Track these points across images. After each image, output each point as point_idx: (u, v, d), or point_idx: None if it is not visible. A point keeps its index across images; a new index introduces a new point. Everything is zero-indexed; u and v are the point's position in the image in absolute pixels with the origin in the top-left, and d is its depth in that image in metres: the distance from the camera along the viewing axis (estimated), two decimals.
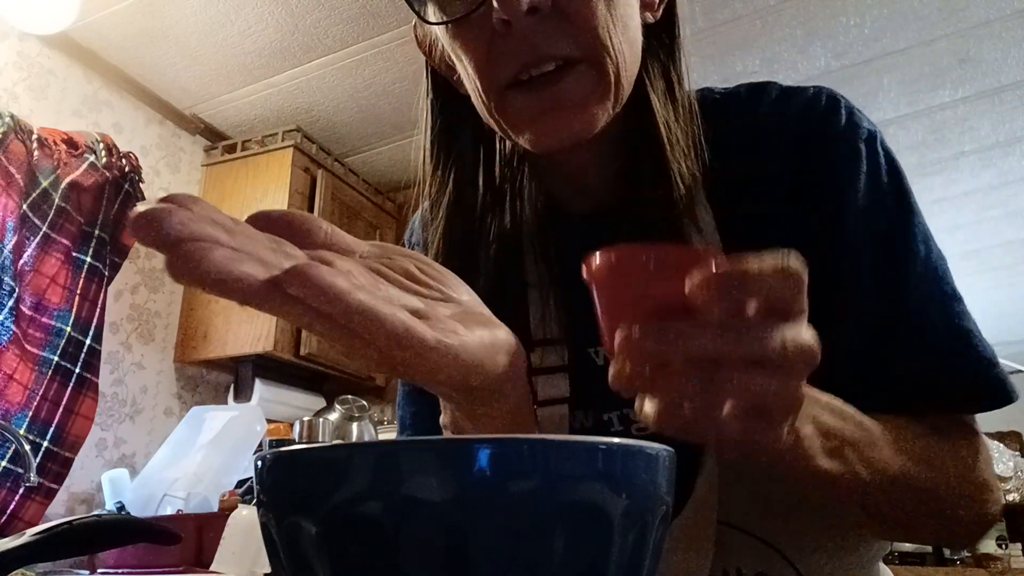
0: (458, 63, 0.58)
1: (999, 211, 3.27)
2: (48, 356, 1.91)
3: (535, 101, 0.53)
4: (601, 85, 0.54)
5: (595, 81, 0.53)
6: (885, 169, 0.57)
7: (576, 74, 0.53)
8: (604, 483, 0.26)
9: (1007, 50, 2.31)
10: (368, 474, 0.25)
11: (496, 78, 0.54)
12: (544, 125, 0.54)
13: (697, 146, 0.58)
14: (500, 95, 0.55)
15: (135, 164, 2.22)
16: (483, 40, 0.53)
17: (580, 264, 0.38)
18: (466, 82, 0.58)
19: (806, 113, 0.59)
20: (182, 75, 2.38)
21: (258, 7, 2.09)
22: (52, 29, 2.04)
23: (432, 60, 0.65)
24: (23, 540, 0.63)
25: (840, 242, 0.56)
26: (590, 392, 0.61)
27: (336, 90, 2.45)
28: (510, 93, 0.54)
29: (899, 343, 0.53)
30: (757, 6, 2.13)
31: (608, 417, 0.61)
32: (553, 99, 0.53)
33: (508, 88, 0.54)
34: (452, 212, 0.64)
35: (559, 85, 0.53)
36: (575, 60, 0.52)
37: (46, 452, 1.87)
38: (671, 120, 0.58)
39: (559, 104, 0.53)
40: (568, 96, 0.53)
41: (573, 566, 0.25)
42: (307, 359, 2.43)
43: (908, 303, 0.54)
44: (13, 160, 1.90)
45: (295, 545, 0.27)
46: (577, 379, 0.62)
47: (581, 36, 0.52)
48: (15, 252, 1.87)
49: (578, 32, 0.52)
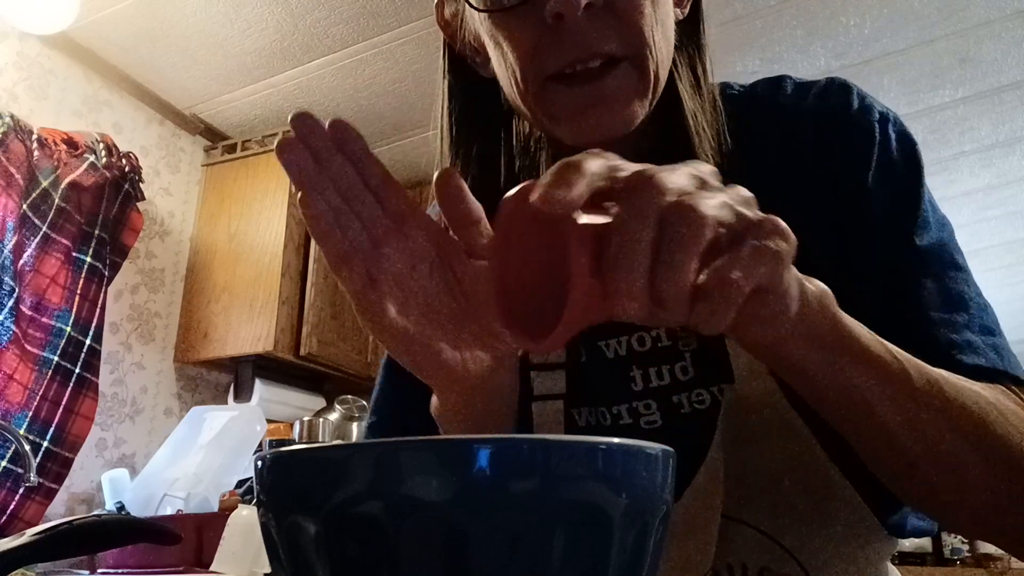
0: (494, 49, 0.58)
1: (999, 211, 3.27)
2: (48, 356, 1.91)
3: (579, 96, 0.54)
4: (642, 83, 0.54)
5: (636, 79, 0.54)
6: (896, 147, 0.57)
7: (620, 72, 0.53)
8: (604, 483, 0.26)
9: (1007, 50, 2.31)
10: (368, 474, 0.25)
11: (541, 70, 0.54)
12: (585, 121, 0.54)
13: (721, 139, 0.59)
14: (542, 86, 0.55)
15: (135, 164, 2.22)
16: (531, 30, 0.53)
17: None
18: (499, 68, 0.58)
19: (821, 102, 0.59)
20: (182, 75, 2.38)
21: (258, 7, 2.09)
22: (52, 29, 2.04)
23: (453, 41, 0.65)
24: (23, 540, 0.63)
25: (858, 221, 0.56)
26: (597, 386, 0.61)
27: (336, 90, 2.45)
28: (551, 85, 0.54)
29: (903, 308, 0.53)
30: (757, 6, 2.13)
31: (617, 410, 0.61)
32: (597, 95, 0.53)
33: (549, 80, 0.54)
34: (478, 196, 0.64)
35: (603, 82, 0.53)
36: (619, 58, 0.53)
37: (46, 452, 1.87)
38: (698, 112, 0.59)
39: (602, 101, 0.53)
40: (611, 94, 0.53)
41: (573, 566, 0.25)
42: (307, 359, 2.43)
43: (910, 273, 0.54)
44: (13, 160, 1.90)
45: (295, 545, 0.27)
46: (584, 373, 0.62)
47: (629, 35, 0.53)
48: (15, 252, 1.87)
49: (627, 31, 0.53)
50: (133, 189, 2.20)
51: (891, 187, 0.56)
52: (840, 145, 0.58)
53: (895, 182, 0.57)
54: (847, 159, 0.57)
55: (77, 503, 2.12)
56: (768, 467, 0.54)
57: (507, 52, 0.56)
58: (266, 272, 2.38)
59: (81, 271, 2.02)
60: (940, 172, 2.95)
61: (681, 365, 0.58)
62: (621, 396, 0.60)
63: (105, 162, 2.11)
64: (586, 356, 0.62)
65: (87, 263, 2.04)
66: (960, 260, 0.56)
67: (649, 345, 0.60)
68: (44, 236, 1.94)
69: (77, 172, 2.03)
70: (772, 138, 0.59)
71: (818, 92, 0.60)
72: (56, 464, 1.89)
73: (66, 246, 1.99)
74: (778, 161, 0.58)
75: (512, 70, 0.56)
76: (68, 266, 2.00)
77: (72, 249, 2.01)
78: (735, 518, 0.54)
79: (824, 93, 0.60)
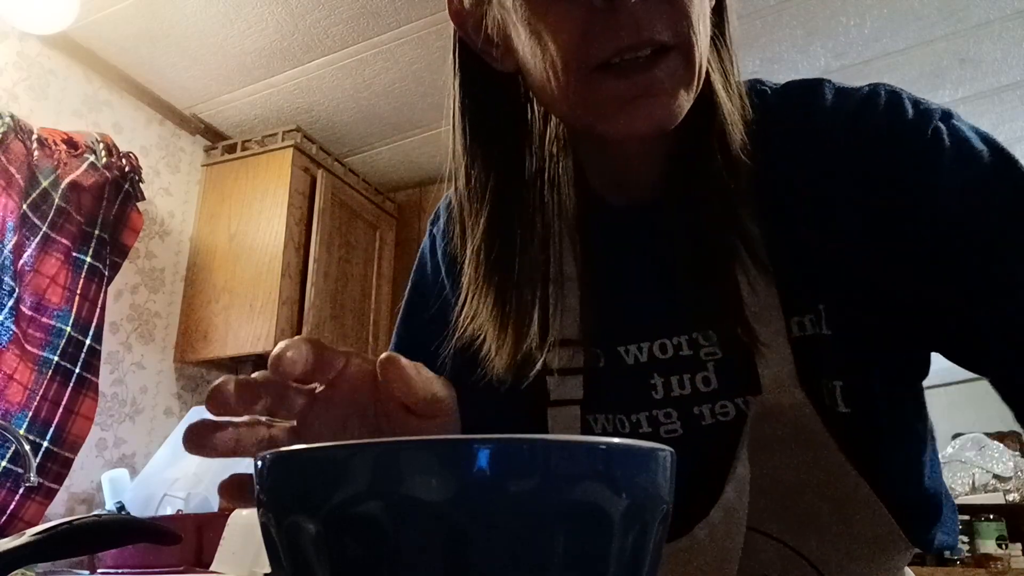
0: (529, 39, 0.53)
1: None
2: (48, 356, 1.91)
3: (629, 86, 0.51)
4: (687, 73, 0.52)
5: (683, 70, 0.51)
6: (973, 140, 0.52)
7: (669, 61, 0.51)
8: (604, 483, 0.26)
9: (1007, 50, 2.31)
10: (368, 474, 0.25)
11: (589, 58, 0.51)
12: (635, 111, 0.51)
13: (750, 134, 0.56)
14: (587, 76, 0.51)
15: (135, 164, 2.22)
16: (579, 16, 0.50)
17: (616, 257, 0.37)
18: (533, 60, 0.54)
19: (866, 113, 0.55)
20: (182, 75, 2.38)
21: (258, 7, 2.09)
22: (52, 29, 2.04)
23: (466, 32, 0.60)
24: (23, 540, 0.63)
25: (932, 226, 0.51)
26: (616, 393, 0.60)
27: (336, 90, 2.45)
28: (598, 75, 0.51)
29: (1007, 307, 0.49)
30: (757, 6, 2.13)
31: (636, 418, 0.59)
32: (647, 85, 0.51)
33: (596, 70, 0.51)
34: (495, 200, 0.60)
35: (653, 72, 0.50)
36: (669, 47, 0.50)
37: (46, 452, 1.87)
38: (731, 107, 0.56)
39: (651, 91, 0.51)
40: (660, 84, 0.51)
41: (573, 566, 0.25)
42: None
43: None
44: (13, 160, 1.90)
45: (295, 545, 0.27)
46: (603, 379, 0.60)
47: (680, 22, 0.50)
48: (15, 252, 1.87)
49: (678, 18, 0.50)
50: (133, 189, 2.20)
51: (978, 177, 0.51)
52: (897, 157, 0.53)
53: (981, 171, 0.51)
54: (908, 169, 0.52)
55: (77, 503, 2.12)
56: (792, 478, 0.53)
57: (548, 41, 0.52)
58: (266, 272, 2.38)
59: (81, 271, 2.02)
60: None
61: (703, 376, 0.57)
62: (641, 404, 0.59)
63: (105, 162, 2.11)
64: (605, 361, 0.60)
65: (87, 263, 2.04)
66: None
67: (671, 353, 0.58)
68: (44, 236, 1.94)
69: (77, 172, 2.03)
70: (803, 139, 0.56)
71: (861, 102, 0.56)
72: (56, 464, 1.89)
73: (66, 246, 1.99)
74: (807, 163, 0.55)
75: (552, 60, 0.52)
76: (68, 266, 2.00)
77: (72, 249, 2.01)
78: (757, 529, 0.54)
79: (869, 104, 0.55)
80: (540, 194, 0.62)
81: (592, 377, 0.61)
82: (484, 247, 0.60)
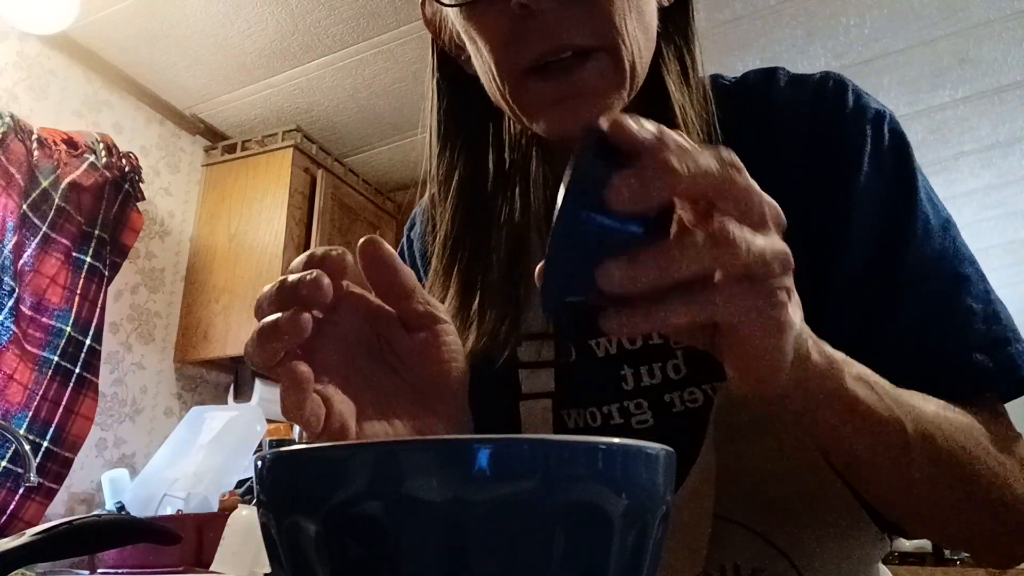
0: (470, 45, 0.57)
1: (999, 211, 3.27)
2: (48, 356, 1.91)
3: (553, 89, 0.53)
4: (618, 74, 0.54)
5: (612, 70, 0.53)
6: (888, 147, 0.57)
7: (594, 63, 0.53)
8: (604, 483, 0.26)
9: (1007, 50, 2.31)
10: (368, 474, 0.25)
11: (514, 64, 0.54)
12: (562, 112, 0.54)
13: (712, 131, 0.58)
14: (517, 80, 0.54)
15: (135, 164, 2.22)
16: (500, 24, 0.53)
17: None
18: (477, 64, 0.58)
19: (816, 98, 0.58)
20: (182, 75, 2.38)
21: (258, 7, 2.09)
22: (52, 29, 2.04)
23: (439, 39, 0.65)
24: (23, 540, 0.63)
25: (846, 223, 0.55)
26: (587, 386, 0.60)
27: (336, 90, 2.45)
28: (527, 79, 0.54)
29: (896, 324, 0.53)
30: (757, 6, 2.13)
31: (608, 410, 0.60)
32: (572, 87, 0.53)
33: (525, 73, 0.54)
34: (462, 194, 0.64)
35: (579, 74, 0.52)
36: (592, 49, 0.52)
37: (46, 452, 1.87)
38: (686, 104, 0.58)
39: (577, 92, 0.53)
40: (587, 85, 0.53)
41: (573, 566, 0.25)
42: None
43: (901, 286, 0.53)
44: (13, 160, 1.90)
45: (295, 545, 0.27)
46: (574, 372, 0.61)
47: (599, 25, 0.52)
48: (15, 252, 1.87)
49: (597, 21, 0.52)
50: (133, 189, 2.20)
51: (883, 193, 0.55)
52: (832, 145, 0.56)
53: (887, 187, 0.55)
54: (837, 160, 0.56)
55: (77, 503, 2.12)
56: (761, 466, 0.53)
57: (481, 47, 0.55)
58: (266, 272, 2.38)
59: (81, 271, 2.02)
60: (940, 172, 2.95)
61: (673, 363, 0.57)
62: (611, 396, 0.59)
63: (105, 162, 2.11)
64: (576, 355, 0.61)
65: (87, 263, 2.04)
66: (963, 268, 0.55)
67: (640, 343, 0.59)
68: (44, 236, 1.94)
69: (77, 172, 2.03)
70: (762, 131, 0.58)
71: (813, 87, 0.59)
72: (56, 464, 1.89)
73: (66, 246, 1.99)
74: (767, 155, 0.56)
75: (488, 66, 0.55)
76: (68, 266, 2.00)
77: (72, 249, 2.01)
78: (727, 518, 0.54)
79: (819, 89, 0.59)
80: (508, 189, 0.65)
81: (563, 370, 0.61)
82: (452, 238, 0.62)
